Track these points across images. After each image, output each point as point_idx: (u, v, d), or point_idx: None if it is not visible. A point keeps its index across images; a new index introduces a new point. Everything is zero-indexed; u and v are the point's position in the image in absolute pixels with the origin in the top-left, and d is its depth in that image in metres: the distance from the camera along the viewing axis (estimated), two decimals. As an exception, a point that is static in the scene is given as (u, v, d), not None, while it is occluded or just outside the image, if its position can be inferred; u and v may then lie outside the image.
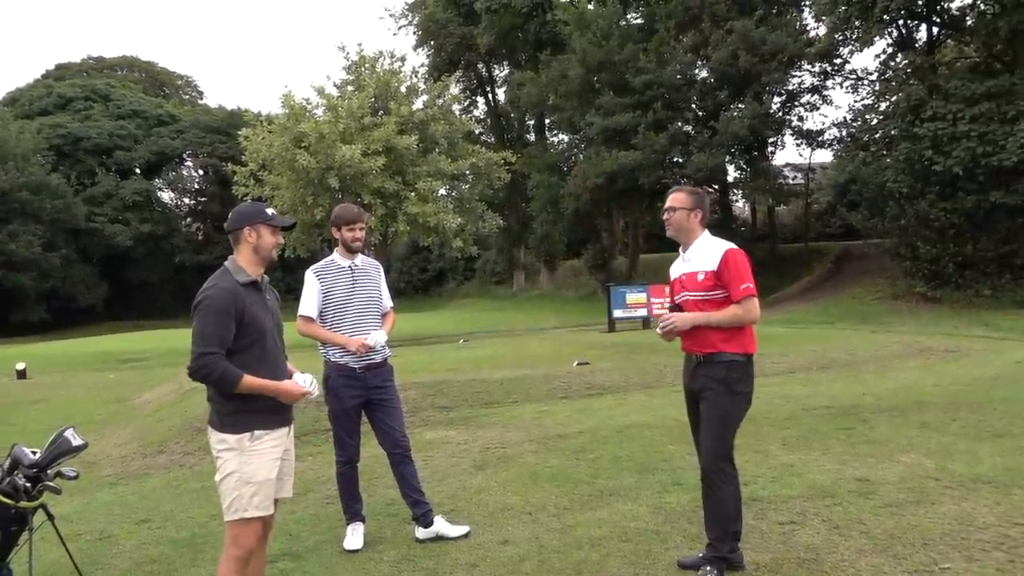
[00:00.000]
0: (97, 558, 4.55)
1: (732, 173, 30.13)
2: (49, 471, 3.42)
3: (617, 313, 19.08)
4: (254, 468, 3.15)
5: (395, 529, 4.71)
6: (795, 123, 29.21)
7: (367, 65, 22.22)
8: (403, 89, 22.31)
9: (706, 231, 3.86)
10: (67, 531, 4.33)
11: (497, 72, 45.95)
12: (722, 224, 32.47)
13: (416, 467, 4.69)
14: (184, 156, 59.16)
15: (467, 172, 22.60)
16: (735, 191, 31.24)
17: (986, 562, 3.63)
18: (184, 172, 61.28)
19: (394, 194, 20.29)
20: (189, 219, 61.33)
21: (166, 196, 60.74)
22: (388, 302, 4.75)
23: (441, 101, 22.95)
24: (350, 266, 4.54)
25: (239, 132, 22.14)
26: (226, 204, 53.71)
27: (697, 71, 29.15)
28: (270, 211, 3.33)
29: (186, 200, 62.11)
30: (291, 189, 20.44)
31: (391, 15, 45.31)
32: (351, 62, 22.50)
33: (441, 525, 4.52)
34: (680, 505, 4.76)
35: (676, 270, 3.95)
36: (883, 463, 5.46)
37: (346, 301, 4.50)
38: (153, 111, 58.73)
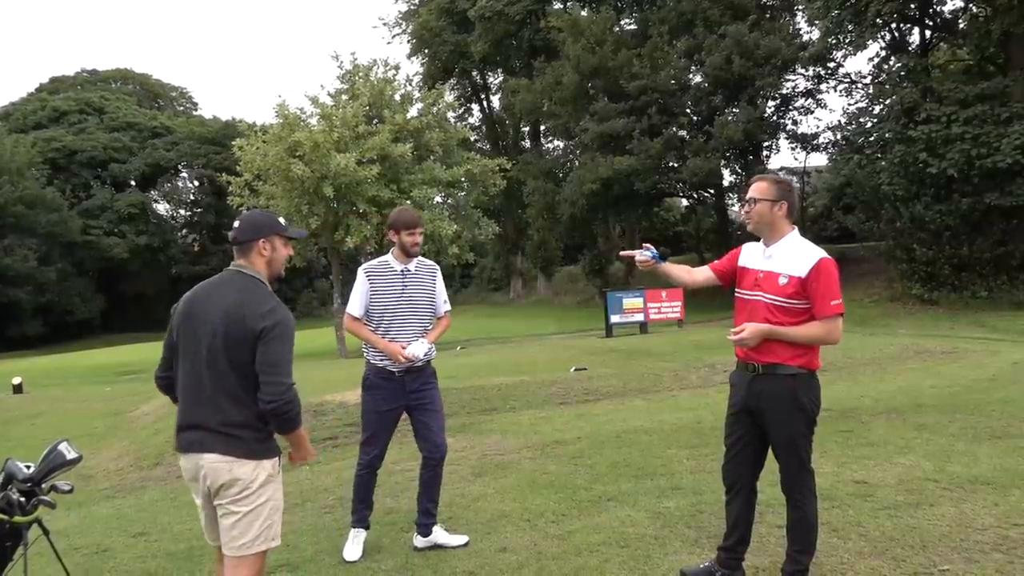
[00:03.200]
0: (93, 572, 4.52)
1: (727, 177, 30.25)
2: (43, 485, 3.40)
3: (614, 319, 19.08)
4: (281, 493, 3.07)
5: (393, 538, 4.69)
6: (790, 127, 29.32)
7: (361, 74, 22.23)
8: (397, 97, 22.32)
9: (795, 230, 3.48)
10: (63, 545, 4.31)
11: (491, 79, 46.08)
12: (718, 228, 32.57)
13: (441, 479, 4.61)
14: (179, 168, 59.15)
15: (462, 179, 22.60)
16: (730, 195, 31.31)
17: (985, 564, 3.62)
18: (179, 184, 61.26)
19: (389, 202, 20.25)
20: (185, 230, 61.26)
21: (161, 208, 60.72)
22: (443, 307, 4.67)
23: (436, 109, 22.95)
24: (402, 270, 4.49)
25: (233, 142, 22.13)
26: (221, 215, 53.79)
27: (691, 76, 29.24)
28: (283, 221, 3.18)
29: (182, 211, 62.06)
30: (286, 199, 20.41)
31: (385, 24, 45.45)
32: (345, 71, 22.52)
33: (439, 535, 4.49)
34: (679, 510, 4.74)
35: (753, 260, 3.55)
36: (881, 465, 5.46)
37: (393, 304, 4.46)
38: (147, 123, 58.71)
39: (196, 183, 59.68)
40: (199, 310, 2.98)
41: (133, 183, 57.14)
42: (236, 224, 3.14)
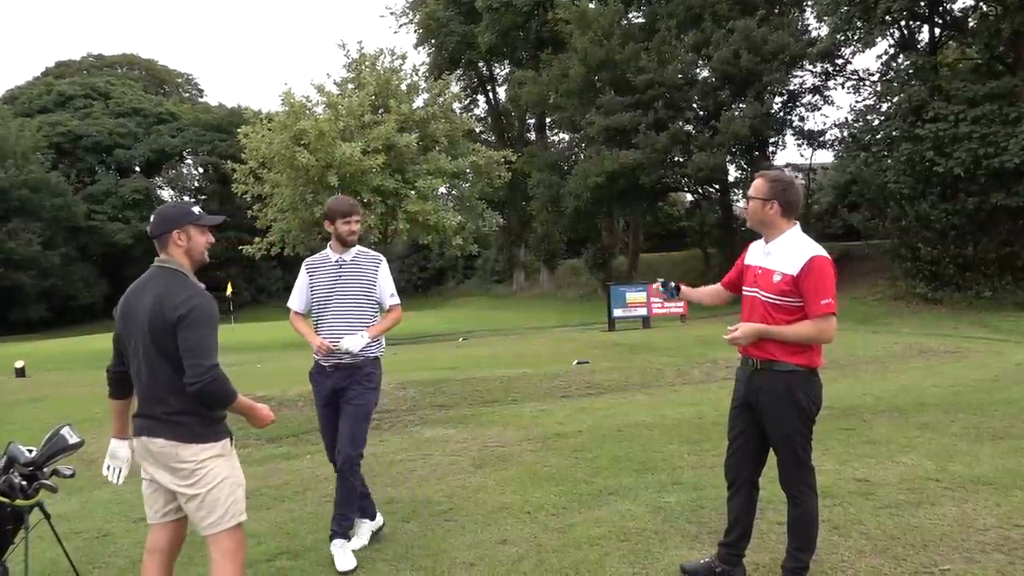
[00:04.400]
0: (94, 557, 4.53)
1: (733, 173, 30.15)
2: (45, 469, 3.40)
3: (617, 312, 19.08)
4: (239, 470, 3.20)
5: (394, 527, 4.69)
6: (796, 123, 29.24)
7: (367, 63, 22.19)
8: (403, 87, 22.27)
9: (796, 226, 3.45)
10: (64, 529, 4.31)
11: (498, 71, 45.95)
12: (723, 224, 32.50)
13: (353, 485, 4.31)
14: (184, 154, 59.17)
15: (467, 170, 22.57)
16: (736, 191, 31.22)
17: (986, 564, 3.62)
18: (184, 170, 61.30)
19: (394, 192, 20.26)
20: (189, 217, 61.30)
21: (166, 194, 60.71)
22: (389, 299, 4.47)
23: (441, 99, 22.91)
24: (337, 260, 4.39)
25: (239, 130, 22.11)
26: (226, 202, 53.71)
27: (698, 70, 29.13)
28: (197, 210, 3.21)
29: (186, 198, 62.01)
30: (291, 187, 20.42)
31: (392, 13, 45.25)
32: (351, 60, 22.48)
33: (335, 550, 4.19)
34: (680, 505, 4.74)
35: (755, 257, 3.56)
36: (883, 464, 5.45)
37: (328, 296, 4.37)
38: (153, 109, 58.69)
39: (201, 170, 59.71)
40: (130, 308, 3.09)
41: (138, 169, 57.18)
42: (151, 219, 3.20)
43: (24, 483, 3.24)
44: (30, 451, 3.40)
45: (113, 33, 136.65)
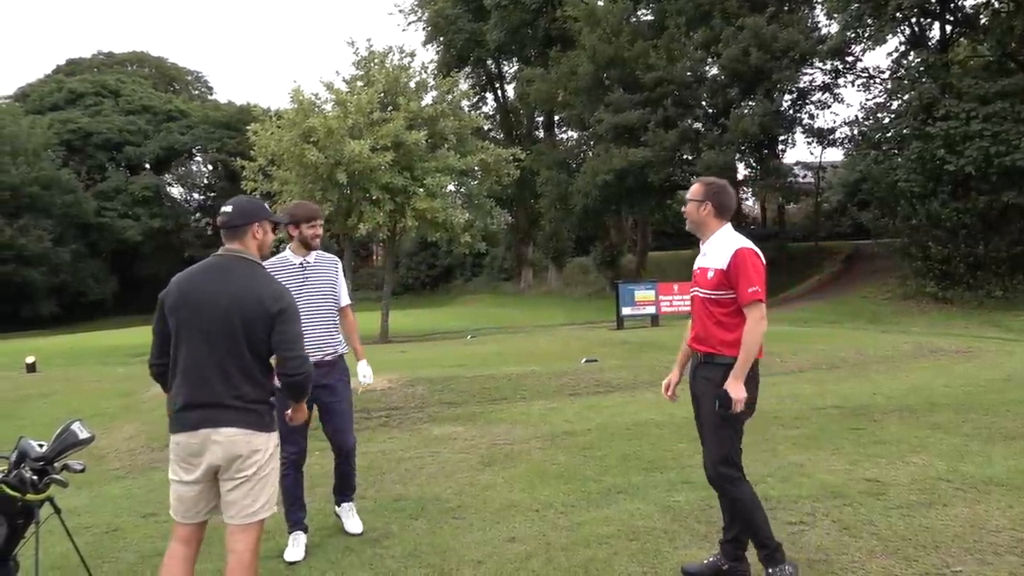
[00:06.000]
0: (104, 551, 4.54)
1: (742, 171, 30.06)
2: (56, 464, 3.41)
3: (626, 311, 19.03)
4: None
5: (402, 524, 4.69)
6: (806, 121, 29.13)
7: (376, 60, 22.17)
8: (412, 85, 22.25)
9: (727, 226, 3.63)
10: (74, 524, 4.32)
11: (506, 68, 45.90)
12: (732, 222, 32.41)
13: (355, 465, 4.73)
14: (193, 151, 59.29)
15: (476, 168, 22.55)
16: (745, 189, 31.14)
17: (999, 566, 3.59)
18: (193, 167, 61.47)
19: (402, 189, 20.25)
20: (198, 214, 61.44)
21: (175, 191, 60.94)
22: (345, 299, 4.67)
23: (450, 97, 22.89)
24: (301, 263, 4.51)
25: (248, 127, 22.14)
26: (235, 199, 53.88)
27: (707, 68, 29.03)
28: (267, 206, 3.36)
29: (195, 195, 62.30)
30: (299, 184, 20.43)
31: (400, 11, 45.27)
32: (360, 57, 22.46)
33: (344, 513, 4.68)
34: (689, 504, 4.73)
35: (697, 261, 3.74)
36: (894, 464, 5.42)
37: (296, 297, 4.44)
38: (163, 107, 58.84)
39: (210, 167, 59.89)
40: (205, 294, 3.06)
41: (147, 166, 57.34)
42: (227, 209, 3.21)
43: (35, 478, 3.25)
44: (41, 446, 3.41)
45: (123, 31, 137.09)
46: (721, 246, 3.53)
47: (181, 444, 3.05)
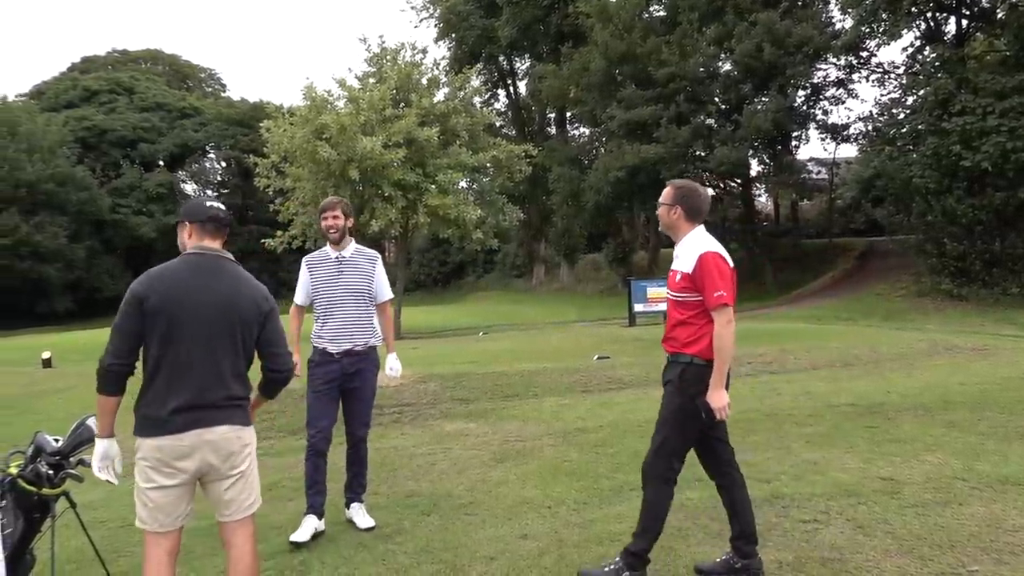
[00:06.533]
0: (119, 546, 4.58)
1: (755, 167, 29.94)
2: (71, 459, 3.43)
3: (638, 307, 18.98)
4: None
5: (414, 520, 4.70)
6: (820, 117, 28.98)
7: (389, 57, 22.19)
8: (424, 81, 22.26)
9: (698, 228, 3.63)
10: (89, 518, 4.35)
11: (518, 65, 45.86)
12: (745, 219, 32.26)
13: (366, 455, 4.84)
14: (207, 148, 59.59)
15: (488, 165, 22.54)
16: (758, 185, 31.02)
17: (1016, 565, 3.55)
18: (207, 164, 61.76)
19: (414, 186, 20.27)
20: (212, 211, 61.79)
21: (189, 188, 61.18)
22: (384, 294, 4.77)
23: (462, 94, 22.89)
24: (337, 257, 4.65)
25: (261, 124, 22.21)
26: (248, 196, 54.13)
27: (720, 64, 28.92)
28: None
29: (209, 192, 62.51)
30: (312, 181, 20.49)
31: (412, 8, 45.18)
32: (373, 54, 22.48)
33: (356, 512, 4.70)
34: (702, 502, 4.70)
35: (673, 264, 3.77)
36: (908, 462, 5.38)
37: (330, 291, 4.63)
38: (176, 104, 59.17)
39: (223, 164, 60.15)
40: (200, 295, 3.02)
41: (161, 163, 57.66)
42: (220, 208, 3.22)
43: (51, 472, 3.27)
44: (56, 441, 3.43)
45: (137, 29, 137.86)
46: (689, 249, 3.55)
47: (166, 448, 2.95)
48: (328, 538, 4.49)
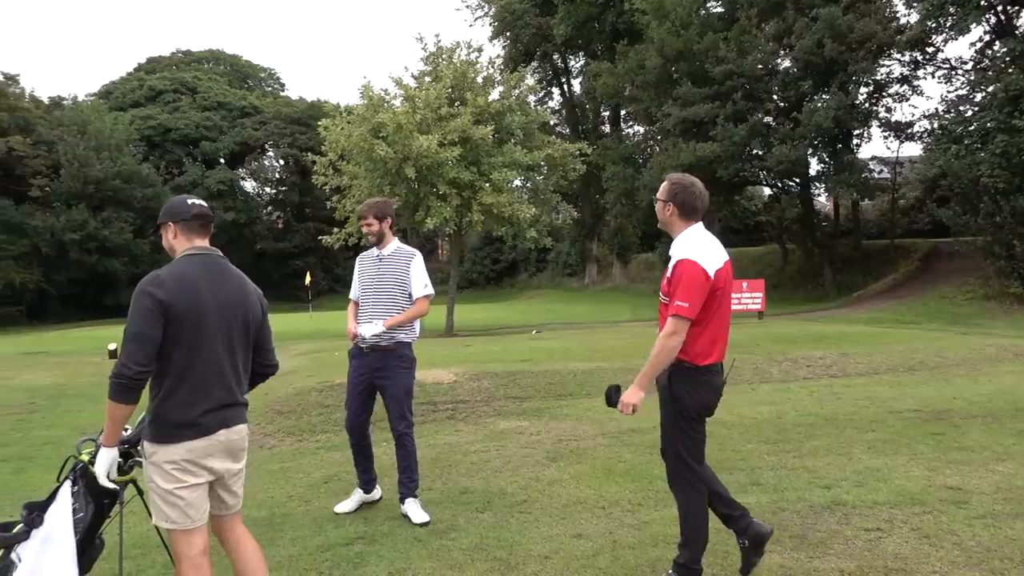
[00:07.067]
0: (182, 534, 4.68)
1: (815, 166, 29.23)
2: (139, 447, 3.53)
3: (692, 308, 18.73)
4: None
5: (468, 517, 4.72)
6: (883, 114, 28.14)
7: (444, 56, 22.32)
8: (479, 80, 22.33)
9: (692, 227, 3.51)
10: (154, 506, 4.47)
11: (572, 63, 45.68)
12: (803, 219, 31.60)
13: (412, 451, 4.94)
14: (266, 146, 60.78)
15: (542, 163, 22.50)
16: (817, 185, 30.29)
17: (1093, 581, 3.41)
18: (266, 162, 62.95)
19: (469, 184, 20.36)
20: (270, 208, 63.01)
21: (248, 185, 62.52)
22: (418, 291, 4.91)
23: (516, 92, 22.89)
24: (377, 255, 4.98)
25: (319, 122, 22.54)
26: (305, 193, 55.16)
27: (779, 60, 28.32)
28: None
29: (267, 189, 63.82)
30: (368, 179, 20.73)
31: (467, 6, 45.27)
32: (429, 53, 22.64)
33: (410, 507, 4.80)
34: (759, 507, 4.62)
35: None
36: (977, 472, 5.20)
37: (370, 287, 4.98)
38: (237, 103, 60.54)
39: (281, 162, 61.27)
40: (217, 296, 3.03)
41: (222, 161, 59.04)
42: (203, 204, 3.25)
43: (120, 460, 3.36)
44: (126, 430, 3.53)
45: (200, 30, 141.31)
46: (675, 252, 3.46)
47: (197, 449, 2.96)
48: (384, 532, 4.54)
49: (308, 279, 37.99)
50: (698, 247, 3.41)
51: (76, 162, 44.81)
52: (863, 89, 27.30)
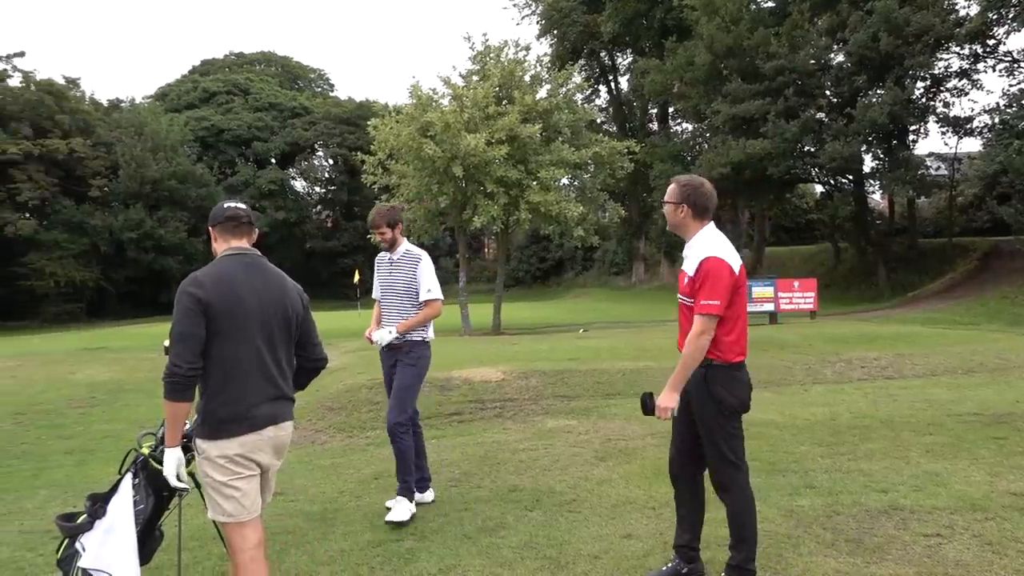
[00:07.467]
0: (237, 526, 4.78)
1: (869, 163, 28.56)
2: (194, 442, 3.61)
3: (742, 307, 18.47)
4: None
5: (517, 515, 4.72)
6: (940, 109, 27.39)
7: (492, 55, 22.35)
8: (527, 78, 22.31)
9: (708, 226, 3.54)
10: (211, 499, 4.57)
11: (620, 60, 45.40)
12: (856, 217, 30.92)
13: (403, 449, 4.94)
14: (315, 146, 61.70)
15: (589, 161, 22.40)
16: (871, 182, 29.59)
17: None
18: (315, 162, 63.92)
19: (516, 183, 20.36)
20: (319, 207, 63.96)
21: (298, 185, 63.57)
22: (425, 295, 5.04)
23: (564, 90, 22.82)
24: (389, 259, 5.19)
25: (368, 122, 22.76)
26: (354, 192, 55.82)
27: (833, 55, 27.75)
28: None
29: (317, 189, 64.80)
30: (416, 177, 20.86)
31: (515, 5, 45.30)
32: (476, 52, 22.70)
33: (395, 502, 4.88)
34: (813, 510, 4.55)
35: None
36: (1042, 477, 5.03)
37: (383, 289, 5.21)
38: (288, 104, 61.58)
39: (331, 161, 62.13)
40: (256, 293, 3.10)
41: (273, 160, 60.12)
42: (243, 207, 3.34)
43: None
44: (185, 424, 3.61)
45: (252, 32, 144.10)
46: (695, 251, 3.47)
47: (248, 444, 3.04)
48: (434, 529, 4.58)
49: (356, 277, 38.29)
50: (720, 245, 3.45)
51: (133, 163, 46.11)
52: (920, 83, 26.63)
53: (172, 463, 3.14)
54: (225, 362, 3.02)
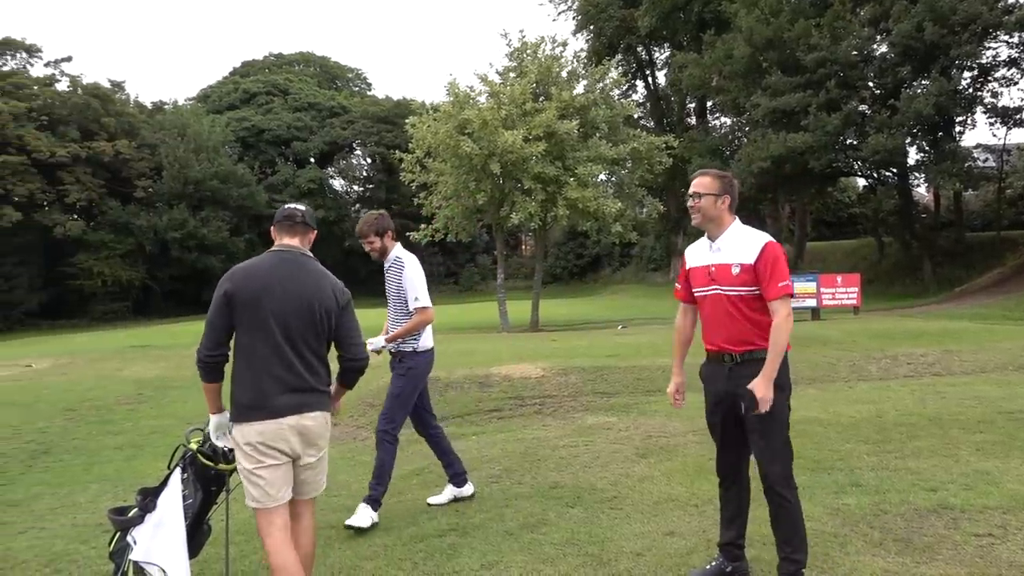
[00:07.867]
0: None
1: (913, 155, 27.94)
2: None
3: (783, 303, 18.22)
4: None
5: (559, 512, 4.73)
6: (988, 100, 26.66)
7: (529, 51, 22.32)
8: (564, 74, 22.25)
9: (737, 219, 3.57)
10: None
11: (657, 55, 44.98)
12: (901, 210, 30.31)
13: (382, 457, 4.87)
14: (354, 145, 62.21)
15: (627, 157, 22.26)
16: (916, 174, 28.96)
17: None
18: (353, 161, 64.44)
19: (554, 179, 20.32)
20: (358, 205, 64.43)
21: (337, 183, 64.12)
22: (413, 303, 4.94)
23: (601, 85, 22.71)
24: (383, 267, 5.13)
25: (405, 120, 22.87)
26: (392, 191, 56.15)
27: (876, 46, 27.18)
28: None
29: (355, 187, 65.29)
30: (454, 175, 20.93)
31: (551, 1, 45.26)
32: (513, 49, 22.69)
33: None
34: (860, 508, 4.47)
35: (700, 258, 3.63)
36: (1098, 476, 4.89)
37: (388, 296, 5.18)
38: (326, 103, 62.19)
39: (369, 160, 62.60)
40: (284, 288, 3.24)
41: (312, 160, 60.78)
42: (301, 209, 3.46)
43: (227, 448, 3.51)
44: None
45: (291, 33, 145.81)
46: (743, 240, 3.46)
47: (268, 432, 3.16)
48: (476, 524, 4.60)
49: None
50: (767, 233, 3.50)
51: (177, 164, 47.00)
52: (967, 73, 26.00)
53: (213, 424, 3.45)
54: (246, 350, 3.21)
